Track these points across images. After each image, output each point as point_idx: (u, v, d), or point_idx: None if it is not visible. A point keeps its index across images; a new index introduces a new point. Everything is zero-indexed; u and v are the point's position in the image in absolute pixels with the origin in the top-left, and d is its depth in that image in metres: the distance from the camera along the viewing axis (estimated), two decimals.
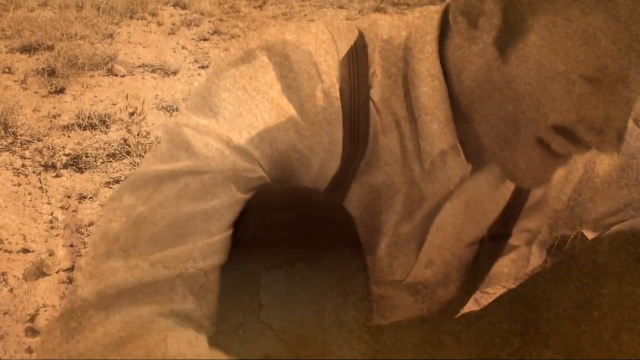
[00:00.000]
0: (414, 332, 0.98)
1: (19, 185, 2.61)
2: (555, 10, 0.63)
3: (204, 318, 0.65)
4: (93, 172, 2.77)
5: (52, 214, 2.38)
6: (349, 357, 0.94)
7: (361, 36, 0.80)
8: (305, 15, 8.83)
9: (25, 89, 3.98)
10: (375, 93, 0.78)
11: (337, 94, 0.76)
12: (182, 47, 5.91)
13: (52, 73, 4.29)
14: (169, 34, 6.65)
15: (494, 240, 0.94)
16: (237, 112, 0.71)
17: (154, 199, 0.66)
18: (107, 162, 2.88)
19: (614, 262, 0.87)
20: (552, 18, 0.63)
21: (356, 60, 0.78)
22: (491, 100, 0.71)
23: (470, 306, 1.16)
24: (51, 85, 4.05)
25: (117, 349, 0.59)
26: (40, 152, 2.95)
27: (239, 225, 0.69)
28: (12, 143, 3.05)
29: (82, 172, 2.77)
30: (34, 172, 2.75)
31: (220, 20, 7.85)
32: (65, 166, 2.82)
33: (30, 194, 2.54)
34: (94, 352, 0.59)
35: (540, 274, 0.94)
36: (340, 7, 9.89)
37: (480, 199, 0.88)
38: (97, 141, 3.12)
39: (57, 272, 2.00)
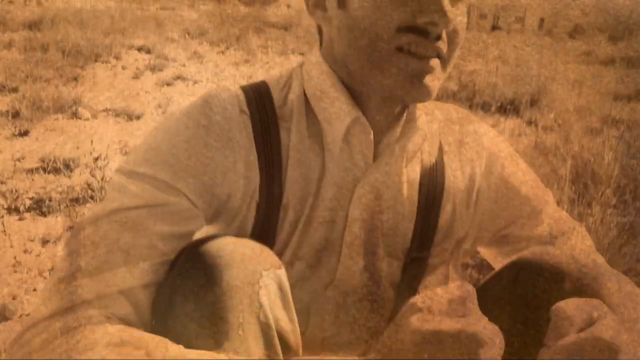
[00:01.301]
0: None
1: None
2: None
3: (140, 324, 0.76)
4: (56, 216, 2.81)
5: (15, 257, 2.41)
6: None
7: (266, 87, 0.96)
8: (267, 62, 8.98)
9: None
10: (282, 122, 0.93)
11: (249, 126, 0.91)
12: (146, 92, 5.99)
13: (16, 115, 4.34)
14: (133, 78, 6.72)
15: (415, 261, 1.01)
16: (164, 156, 0.84)
17: (94, 237, 0.78)
18: (71, 206, 2.92)
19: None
20: None
21: (262, 108, 0.93)
22: (353, 45, 0.86)
23: None
24: (15, 128, 4.09)
25: (117, 348, 0.67)
26: (3, 195, 2.98)
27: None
28: None
29: (45, 216, 2.81)
30: None
31: (184, 65, 7.95)
32: (28, 210, 2.86)
33: None
34: (94, 352, 0.67)
35: (540, 274, 0.96)
36: (302, 54, 10.08)
37: (388, 187, 0.97)
38: (61, 185, 3.17)
39: (20, 317, 2.03)
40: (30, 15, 10.35)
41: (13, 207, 2.86)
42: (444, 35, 0.84)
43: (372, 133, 0.93)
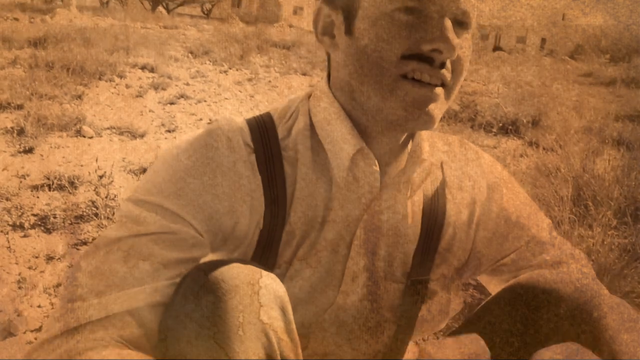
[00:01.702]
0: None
1: None
2: None
3: (148, 344, 0.77)
4: (61, 233, 2.83)
5: (19, 274, 2.43)
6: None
7: (270, 118, 0.99)
8: (270, 81, 9.02)
9: None
10: (286, 153, 0.96)
11: (253, 158, 0.93)
12: (150, 110, 6.03)
13: (21, 132, 4.37)
14: (137, 96, 6.75)
15: (415, 285, 1.03)
16: (172, 186, 0.87)
17: (104, 259, 0.81)
18: (75, 223, 2.94)
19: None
20: None
21: (266, 139, 0.96)
22: (359, 72, 0.89)
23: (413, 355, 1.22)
24: (20, 145, 4.12)
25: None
26: (8, 211, 3.00)
27: None
28: None
29: (49, 232, 2.83)
30: (1, 231, 2.79)
31: (187, 84, 7.99)
32: (33, 226, 2.88)
33: None
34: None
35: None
36: (304, 74, 10.13)
37: (394, 214, 0.99)
38: (66, 202, 3.19)
39: (24, 333, 2.04)
40: (35, 33, 10.41)
41: (18, 223, 2.88)
42: (448, 63, 0.86)
43: (376, 164, 0.95)
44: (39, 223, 2.92)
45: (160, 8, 38.19)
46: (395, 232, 1.00)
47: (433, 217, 1.03)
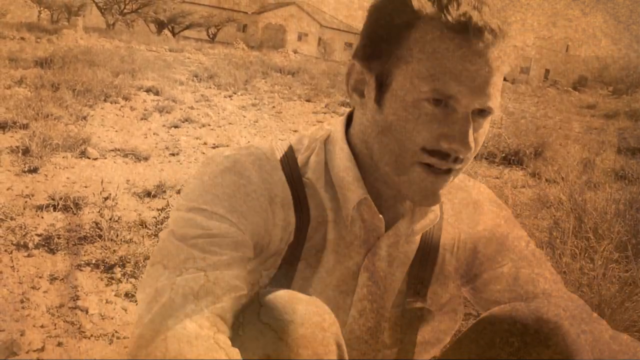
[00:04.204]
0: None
1: None
2: (406, 61, 0.88)
3: (203, 318, 0.76)
4: (65, 253, 2.84)
5: (23, 293, 2.43)
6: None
7: (290, 147, 1.02)
8: (274, 107, 9.08)
9: None
10: (308, 188, 0.99)
11: (288, 188, 0.96)
12: (154, 133, 6.06)
13: (26, 152, 4.39)
14: (141, 119, 6.80)
15: (416, 285, 1.05)
16: (227, 202, 0.89)
17: (171, 257, 0.82)
18: (79, 244, 2.96)
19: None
20: (405, 66, 0.88)
21: (289, 164, 0.99)
22: (381, 142, 0.92)
23: None
24: (25, 164, 4.15)
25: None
26: (12, 231, 3.01)
27: None
28: None
29: (53, 253, 2.84)
30: (5, 250, 2.80)
31: (192, 108, 8.04)
32: (37, 246, 2.89)
33: (1, 272, 2.59)
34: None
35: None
36: (308, 101, 10.19)
37: (397, 247, 1.02)
38: (70, 223, 3.20)
39: (27, 352, 2.04)
40: (41, 53, 10.51)
41: (22, 243, 2.89)
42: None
43: (377, 213, 0.98)
44: (43, 243, 2.93)
45: (166, 31, 38.54)
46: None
47: (427, 246, 1.05)
